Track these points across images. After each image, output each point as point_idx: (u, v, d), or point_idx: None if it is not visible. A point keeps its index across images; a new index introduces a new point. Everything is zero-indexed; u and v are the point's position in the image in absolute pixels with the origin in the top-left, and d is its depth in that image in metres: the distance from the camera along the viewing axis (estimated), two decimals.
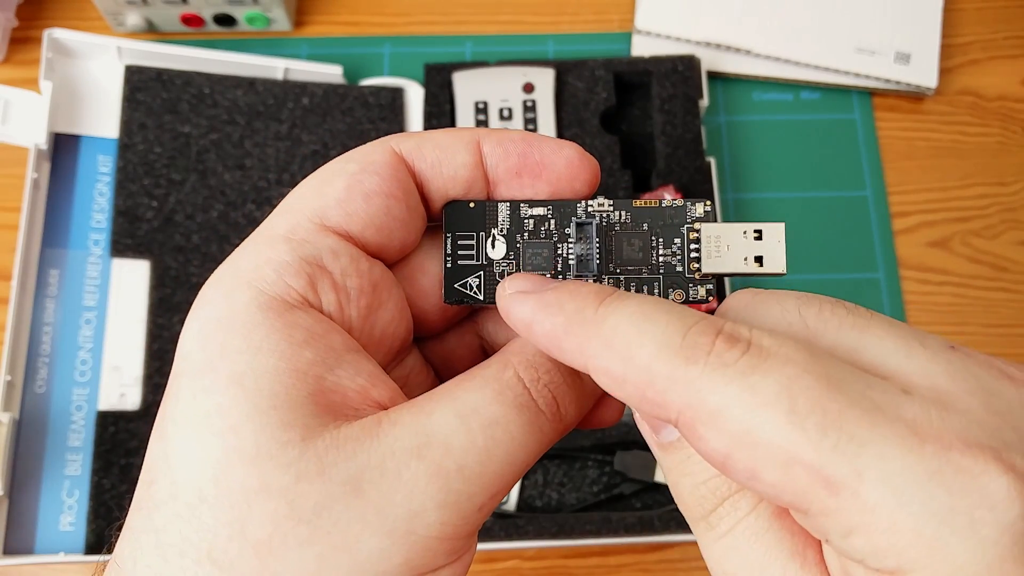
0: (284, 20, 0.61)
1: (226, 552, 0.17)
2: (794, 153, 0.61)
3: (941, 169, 0.61)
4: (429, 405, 0.19)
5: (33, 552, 0.49)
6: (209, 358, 0.18)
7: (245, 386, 0.18)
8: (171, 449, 0.18)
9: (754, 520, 0.17)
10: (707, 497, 0.18)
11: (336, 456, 0.17)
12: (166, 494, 0.18)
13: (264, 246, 0.20)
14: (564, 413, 0.20)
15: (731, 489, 0.18)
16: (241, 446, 0.17)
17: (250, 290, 0.19)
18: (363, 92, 0.58)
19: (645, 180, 0.57)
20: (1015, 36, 0.65)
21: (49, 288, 0.53)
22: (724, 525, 0.18)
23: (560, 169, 0.21)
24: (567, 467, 0.52)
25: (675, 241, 0.22)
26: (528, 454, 0.19)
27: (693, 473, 0.18)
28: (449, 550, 0.18)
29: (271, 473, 0.17)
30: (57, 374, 0.52)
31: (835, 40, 0.62)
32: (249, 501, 0.17)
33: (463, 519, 0.18)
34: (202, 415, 0.18)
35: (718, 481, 0.18)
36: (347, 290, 0.20)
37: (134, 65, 0.57)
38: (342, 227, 0.20)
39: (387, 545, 0.17)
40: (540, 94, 0.57)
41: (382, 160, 0.21)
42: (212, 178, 0.55)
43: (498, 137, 0.21)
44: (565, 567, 0.52)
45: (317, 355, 0.19)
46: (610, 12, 0.65)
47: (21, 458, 0.50)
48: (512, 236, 0.22)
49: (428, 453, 0.18)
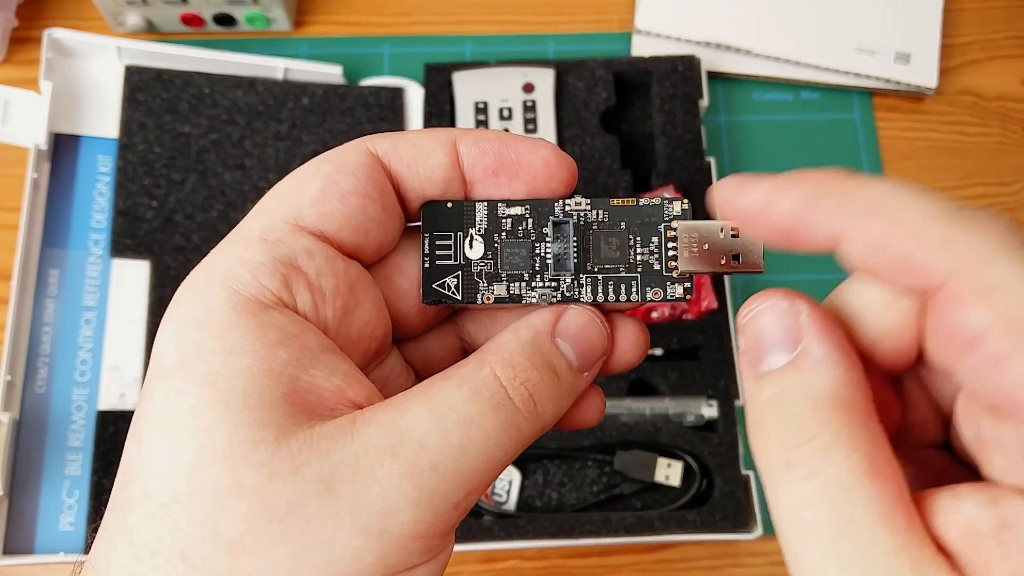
0: (284, 20, 0.61)
1: (199, 551, 0.17)
2: (794, 153, 0.61)
3: (941, 169, 0.61)
4: (404, 404, 0.19)
5: (33, 552, 0.49)
6: (183, 359, 0.18)
7: (218, 386, 0.18)
8: (145, 450, 0.18)
9: (845, 471, 0.16)
10: (795, 432, 0.16)
11: (309, 455, 0.17)
12: (140, 495, 0.18)
13: (238, 247, 0.20)
14: (541, 411, 0.20)
15: (823, 430, 0.16)
16: (214, 446, 0.17)
17: (224, 290, 0.19)
18: (363, 92, 0.58)
19: (645, 180, 0.57)
20: (1015, 36, 0.65)
21: (49, 288, 0.53)
22: (807, 468, 0.16)
23: (537, 168, 0.21)
24: (567, 467, 0.52)
25: (652, 239, 0.22)
26: (504, 452, 0.19)
27: (786, 405, 0.17)
28: (424, 548, 0.18)
29: (244, 472, 0.17)
30: (57, 374, 0.52)
31: (835, 40, 0.62)
32: (222, 500, 0.17)
33: (437, 517, 0.18)
34: (175, 415, 0.18)
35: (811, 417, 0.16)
36: (322, 290, 0.20)
37: (134, 65, 0.56)
38: (317, 227, 0.20)
39: (360, 543, 0.17)
40: (540, 94, 0.57)
41: (357, 160, 0.21)
42: (212, 178, 0.55)
43: (474, 137, 0.21)
44: (565, 567, 0.52)
45: (291, 355, 0.19)
46: (610, 12, 0.65)
47: (21, 458, 0.50)
48: (490, 236, 0.22)
49: (402, 451, 0.18)
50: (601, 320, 0.22)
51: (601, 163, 0.57)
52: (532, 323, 0.21)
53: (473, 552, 0.51)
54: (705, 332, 0.53)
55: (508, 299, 0.22)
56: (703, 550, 0.52)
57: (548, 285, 0.22)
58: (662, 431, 0.51)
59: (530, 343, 0.20)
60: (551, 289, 0.22)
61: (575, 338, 0.21)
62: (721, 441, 0.50)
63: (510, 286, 0.22)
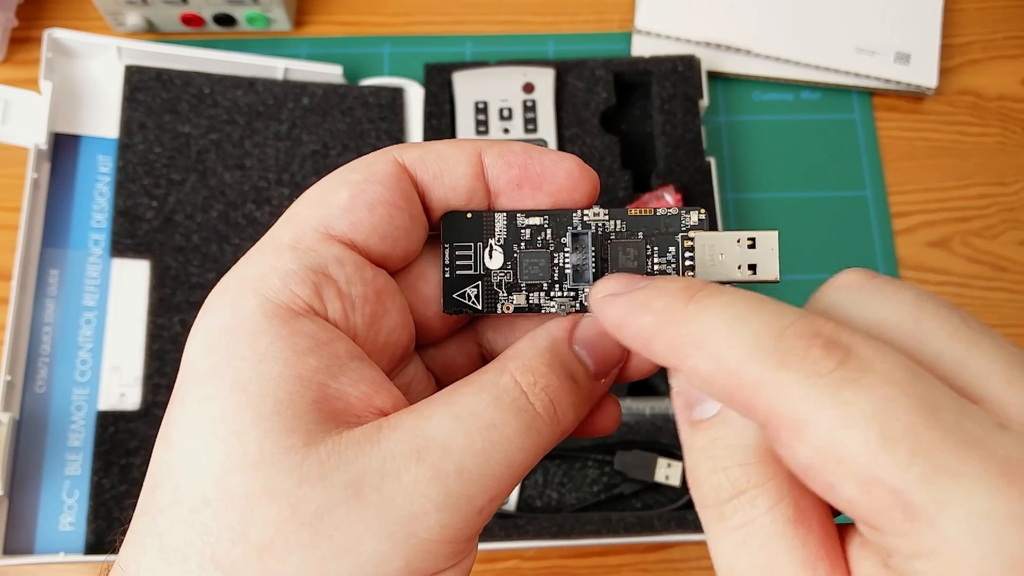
0: (284, 20, 0.61)
1: (229, 555, 0.17)
2: (794, 153, 0.62)
3: (941, 169, 0.61)
4: (428, 410, 0.19)
5: (33, 552, 0.49)
6: (214, 365, 0.18)
7: (249, 392, 0.18)
8: (175, 454, 0.18)
9: (770, 521, 0.17)
10: (725, 486, 0.17)
11: (338, 461, 0.18)
12: (170, 499, 0.18)
13: (270, 254, 0.20)
14: (561, 417, 0.20)
15: (750, 483, 0.17)
16: (244, 451, 0.17)
17: (255, 298, 0.19)
18: (363, 92, 0.58)
19: (645, 180, 0.57)
20: (1015, 36, 0.65)
21: (49, 288, 0.53)
22: (737, 519, 0.17)
23: (561, 181, 0.22)
24: (567, 467, 0.52)
25: (670, 249, 0.22)
26: (526, 456, 0.19)
27: (716, 458, 0.18)
28: (450, 553, 0.18)
29: (274, 477, 0.17)
30: (57, 374, 0.52)
31: (835, 40, 0.62)
32: (252, 505, 0.17)
33: (463, 521, 0.18)
34: (206, 421, 0.18)
35: (739, 471, 0.17)
36: (352, 298, 0.20)
37: (134, 65, 0.57)
38: (347, 236, 0.20)
39: (388, 548, 0.17)
40: (540, 94, 0.57)
41: (385, 170, 0.21)
42: (212, 178, 0.55)
43: (500, 149, 0.22)
44: (565, 567, 0.52)
45: (321, 362, 0.19)
46: (610, 12, 0.65)
47: (21, 458, 0.50)
48: (509, 246, 0.22)
49: (427, 456, 0.18)
50: None
51: (601, 163, 0.57)
52: (550, 330, 0.21)
53: None
54: None
55: (527, 308, 0.22)
56: (703, 550, 0.52)
57: (567, 295, 0.22)
58: (662, 431, 0.51)
59: (549, 350, 0.21)
60: (570, 299, 0.22)
61: (592, 345, 0.21)
62: None
63: (529, 296, 0.22)
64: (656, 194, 0.55)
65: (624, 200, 0.56)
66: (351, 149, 0.57)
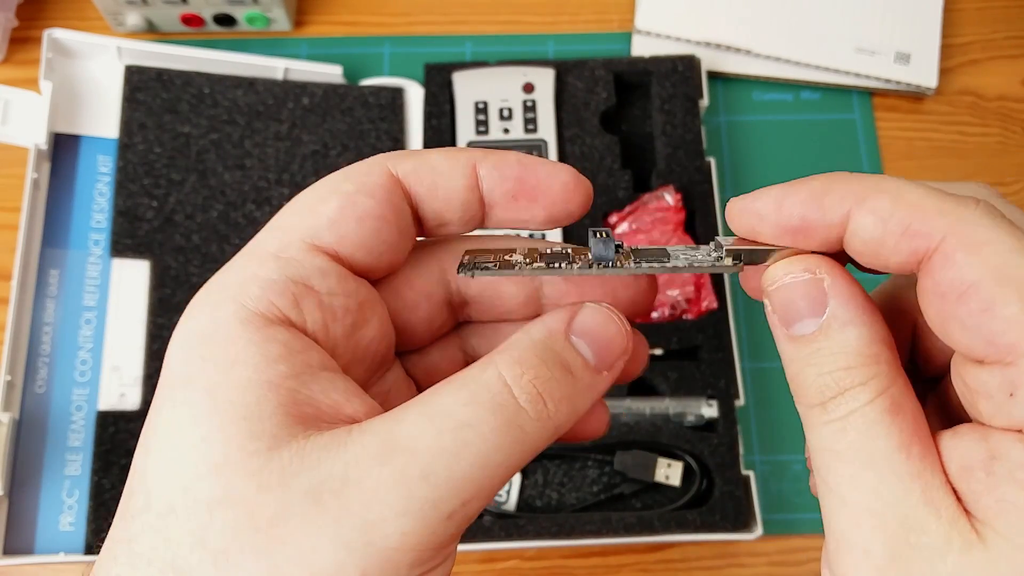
0: (284, 20, 0.61)
1: (188, 561, 0.17)
2: (794, 153, 0.61)
3: (941, 169, 0.61)
4: (402, 412, 0.18)
5: (33, 552, 0.49)
6: (188, 371, 0.19)
7: (218, 398, 0.18)
8: (149, 461, 0.18)
9: (870, 411, 0.18)
10: (830, 386, 0.19)
11: (300, 466, 0.17)
12: (142, 505, 0.18)
13: (253, 262, 0.20)
14: (553, 411, 0.19)
15: (854, 381, 0.18)
16: (210, 456, 0.17)
17: (233, 305, 0.19)
18: (363, 92, 0.58)
19: (645, 180, 0.57)
20: (1015, 36, 0.65)
21: (49, 288, 0.53)
22: (839, 411, 0.18)
23: (556, 192, 0.22)
24: (567, 467, 0.52)
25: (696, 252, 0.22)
26: (506, 456, 0.18)
27: (820, 364, 0.19)
28: (413, 561, 0.17)
29: (234, 483, 0.17)
30: (57, 374, 0.52)
31: (835, 40, 0.62)
32: (212, 511, 0.17)
33: (427, 528, 0.17)
34: (176, 427, 0.18)
35: (843, 373, 0.19)
36: (333, 309, 0.20)
37: (134, 65, 0.57)
38: (332, 248, 0.20)
39: (343, 557, 0.17)
40: (540, 94, 0.57)
41: (377, 182, 0.21)
42: (212, 178, 0.55)
43: (494, 161, 0.21)
44: (565, 567, 0.52)
45: (292, 369, 0.19)
46: (610, 12, 0.65)
47: (21, 458, 0.50)
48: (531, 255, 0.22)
49: (392, 459, 0.17)
50: (619, 318, 0.21)
51: (601, 163, 0.57)
52: (545, 322, 0.21)
53: (473, 552, 0.51)
54: (705, 332, 0.53)
55: (546, 270, 0.21)
56: (703, 550, 0.52)
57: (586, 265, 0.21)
58: (662, 431, 0.51)
59: (542, 341, 0.20)
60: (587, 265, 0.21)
61: (591, 335, 0.21)
62: (721, 441, 0.50)
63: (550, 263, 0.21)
64: (656, 194, 0.55)
65: (624, 200, 0.56)
66: (351, 149, 0.57)
